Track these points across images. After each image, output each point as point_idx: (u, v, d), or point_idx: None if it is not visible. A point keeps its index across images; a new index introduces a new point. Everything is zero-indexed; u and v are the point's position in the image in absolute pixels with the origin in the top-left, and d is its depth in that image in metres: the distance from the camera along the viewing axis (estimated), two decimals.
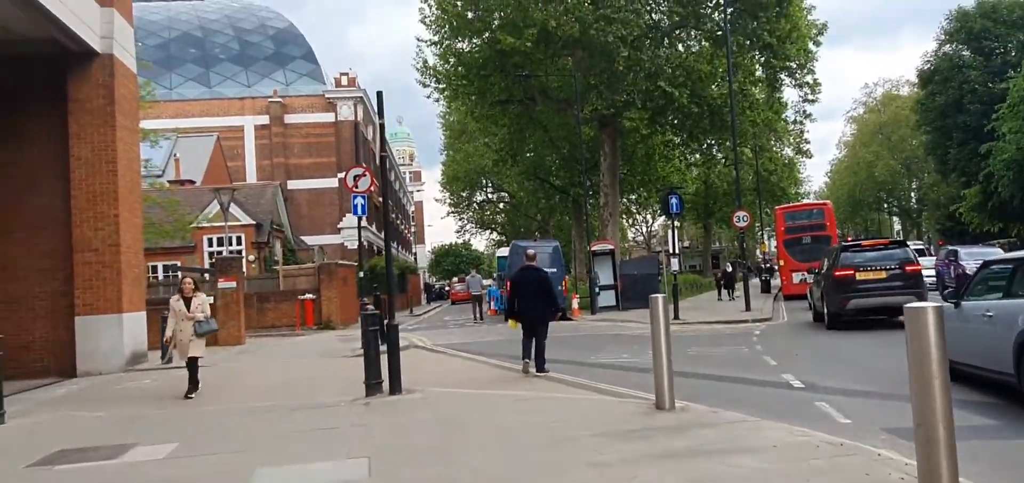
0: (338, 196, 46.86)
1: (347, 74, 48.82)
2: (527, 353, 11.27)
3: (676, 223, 52.77)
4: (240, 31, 51.93)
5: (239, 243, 34.48)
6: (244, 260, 34.88)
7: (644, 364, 11.13)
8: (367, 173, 17.24)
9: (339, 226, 47.02)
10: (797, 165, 55.88)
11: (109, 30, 14.87)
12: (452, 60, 28.52)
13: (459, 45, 28.41)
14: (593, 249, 27.22)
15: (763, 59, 29.89)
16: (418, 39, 28.19)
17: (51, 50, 14.27)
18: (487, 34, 27.48)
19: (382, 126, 10.23)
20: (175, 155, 40.56)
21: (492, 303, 29.81)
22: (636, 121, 26.50)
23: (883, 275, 15.59)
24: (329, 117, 47.66)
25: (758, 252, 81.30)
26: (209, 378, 11.80)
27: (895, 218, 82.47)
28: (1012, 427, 6.71)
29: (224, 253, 34.41)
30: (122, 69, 15.24)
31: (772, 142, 49.47)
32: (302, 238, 44.61)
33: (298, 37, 52.49)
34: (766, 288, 35.10)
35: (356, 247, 48.50)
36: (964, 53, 41.36)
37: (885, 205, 77.75)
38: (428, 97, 28.84)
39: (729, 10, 26.20)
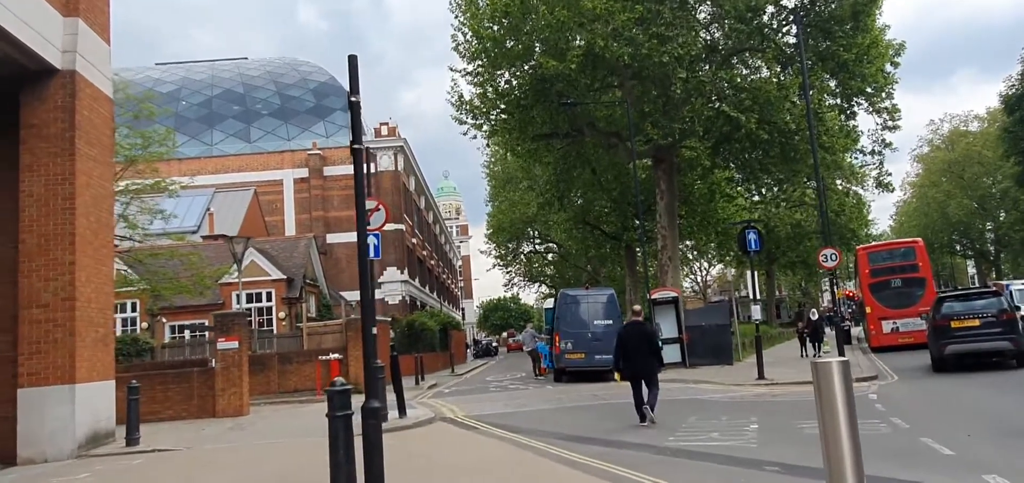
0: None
1: (387, 124, 46.59)
2: (639, 406, 11.62)
3: (748, 266, 48.61)
4: (281, 86, 50.47)
5: (269, 299, 31.82)
6: (275, 317, 32.25)
7: (746, 450, 7.73)
8: (381, 207, 14.14)
9: (380, 280, 44.16)
10: (865, 205, 51.29)
11: (72, 43, 12.19)
12: (490, 91, 25.53)
13: (499, 76, 25.46)
14: (653, 297, 23.50)
15: (837, 81, 26.12)
16: (452, 69, 25.10)
17: (2, 67, 11.64)
18: (529, 64, 24.44)
19: (355, 104, 7.04)
20: (210, 210, 38.58)
21: (542, 361, 26.16)
22: (697, 151, 23.00)
23: (977, 323, 16.40)
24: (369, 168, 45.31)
25: (823, 299, 75.81)
26: (157, 472, 8.57)
27: (970, 261, 76.20)
28: None
29: (252, 309, 31.96)
30: (89, 89, 12.51)
31: (837, 180, 45.28)
32: (341, 294, 41.91)
33: (339, 89, 50.68)
34: (846, 339, 30.57)
35: (398, 302, 45.90)
36: None
37: (958, 247, 71.81)
38: (464, 134, 25.87)
39: (799, 25, 22.65)
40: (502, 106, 25.96)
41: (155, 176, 22.52)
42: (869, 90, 27.30)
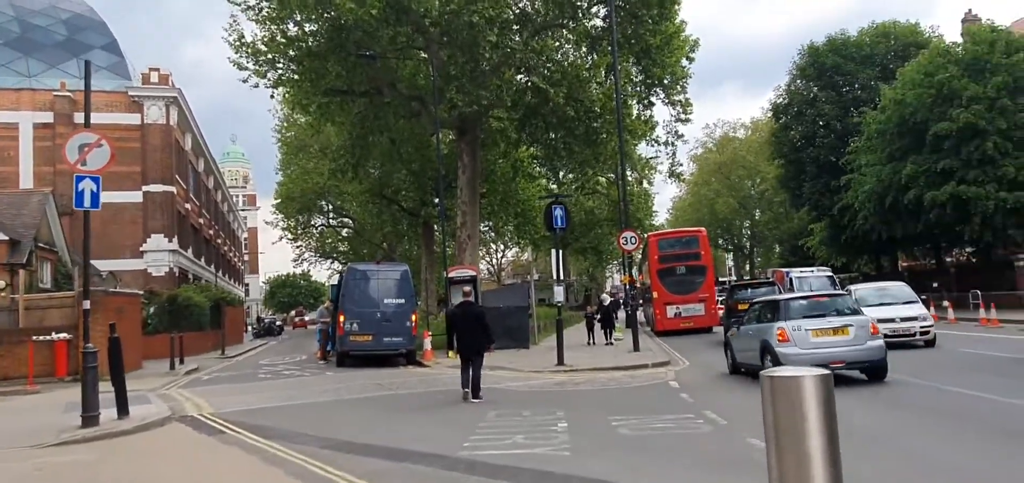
0: (142, 213, 38.05)
1: (158, 70, 40.17)
2: (466, 383, 11.74)
3: (546, 248, 48.31)
4: (23, 11, 41.70)
5: None
6: None
7: (559, 459, 7.02)
8: (104, 143, 10.68)
9: (143, 249, 38.08)
10: (650, 198, 53.80)
11: None
12: (279, 34, 21.95)
13: (289, 17, 21.93)
14: (451, 275, 21.57)
15: (641, 66, 25.94)
16: (231, 1, 21.19)
17: None
18: (325, 8, 21.21)
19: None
20: None
21: (318, 344, 23.13)
22: (504, 122, 21.33)
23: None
24: (134, 119, 38.70)
25: (606, 285, 79.41)
26: None
27: (729, 254, 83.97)
28: None
29: None
30: None
31: (628, 171, 46.79)
32: (93, 263, 35.38)
33: (98, 24, 43.03)
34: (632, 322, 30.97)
35: (164, 274, 39.92)
36: (814, 89, 40.37)
37: (721, 241, 78.77)
38: (244, 82, 21.94)
39: (610, 5, 21.86)
40: (292, 53, 22.50)
41: None
42: (667, 80, 27.58)
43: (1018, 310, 25.10)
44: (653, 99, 28.29)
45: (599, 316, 24.22)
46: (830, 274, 27.28)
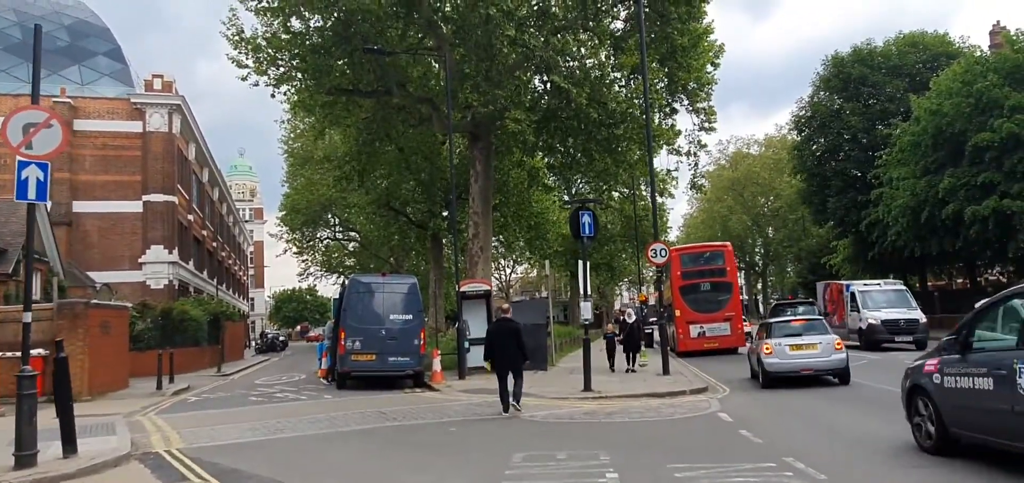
0: (141, 223, 36.34)
1: (161, 77, 38.59)
2: (504, 399, 11.92)
3: (558, 263, 46.17)
4: (25, 17, 40.27)
5: None
6: None
7: None
8: (55, 123, 8.87)
9: (141, 260, 36.33)
10: (665, 213, 51.84)
11: None
12: (281, 30, 20.19)
13: (294, 23, 20.19)
14: (463, 289, 19.62)
15: (667, 69, 24.09)
16: None
17: None
18: (336, 12, 19.45)
19: None
20: None
21: (322, 362, 21.18)
22: (522, 124, 19.46)
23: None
24: (135, 126, 37.06)
25: (615, 303, 77.32)
26: None
27: (740, 273, 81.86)
28: None
29: None
30: None
31: (643, 186, 44.91)
32: (89, 274, 33.71)
33: (102, 31, 41.61)
34: (649, 343, 28.70)
35: (163, 287, 38.14)
36: (838, 101, 38.42)
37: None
38: (244, 79, 20.14)
39: (637, 3, 20.06)
40: (295, 50, 20.74)
41: None
42: (692, 85, 25.79)
43: None
44: (676, 106, 26.49)
45: (621, 337, 20.21)
46: (903, 288, 25.69)
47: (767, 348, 14.39)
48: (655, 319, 36.06)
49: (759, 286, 78.03)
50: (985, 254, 27.67)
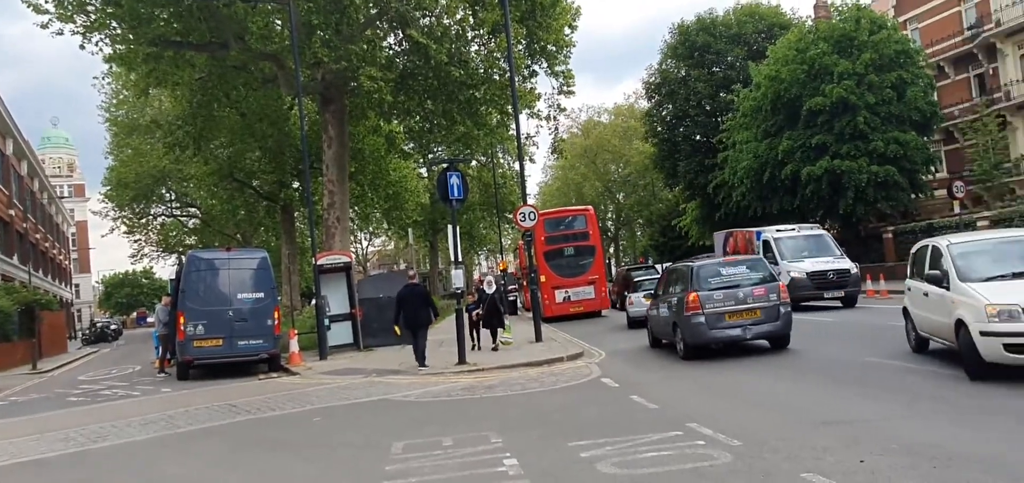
0: None
1: None
2: (418, 352, 13.58)
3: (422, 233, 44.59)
4: None
5: None
6: None
7: None
8: None
9: None
10: (525, 177, 51.87)
11: None
12: None
13: None
14: (320, 262, 17.91)
15: (526, 28, 23.39)
16: None
17: None
18: None
19: None
20: None
21: (157, 352, 18.63)
22: (378, 83, 17.96)
23: None
24: None
25: (477, 273, 77.04)
26: None
27: None
28: None
29: None
30: None
31: (500, 153, 44.49)
32: None
33: None
34: (513, 310, 28.29)
35: None
36: (685, 68, 39.77)
37: None
38: (44, 26, 16.96)
39: None
40: None
41: None
42: (551, 48, 25.31)
43: (892, 280, 25.13)
44: (536, 69, 25.96)
45: (482, 311, 16.48)
46: (822, 232, 22.63)
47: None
48: (514, 287, 36.04)
49: (611, 250, 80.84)
50: (818, 212, 29.60)
